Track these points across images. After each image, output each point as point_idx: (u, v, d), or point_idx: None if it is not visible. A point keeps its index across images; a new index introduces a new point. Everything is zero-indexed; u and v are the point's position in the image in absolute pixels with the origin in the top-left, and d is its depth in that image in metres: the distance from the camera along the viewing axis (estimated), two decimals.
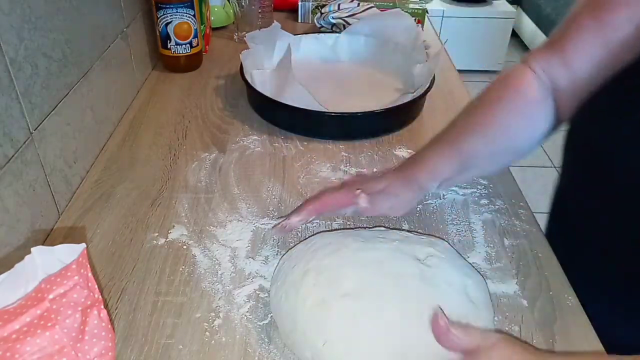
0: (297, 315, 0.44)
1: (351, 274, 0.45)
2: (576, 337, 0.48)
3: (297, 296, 0.45)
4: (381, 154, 0.73)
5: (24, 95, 0.52)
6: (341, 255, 0.47)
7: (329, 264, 0.46)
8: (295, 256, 0.49)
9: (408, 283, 0.45)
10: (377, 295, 0.44)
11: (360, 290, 0.44)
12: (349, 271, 0.46)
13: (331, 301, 0.43)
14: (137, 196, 0.63)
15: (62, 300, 0.40)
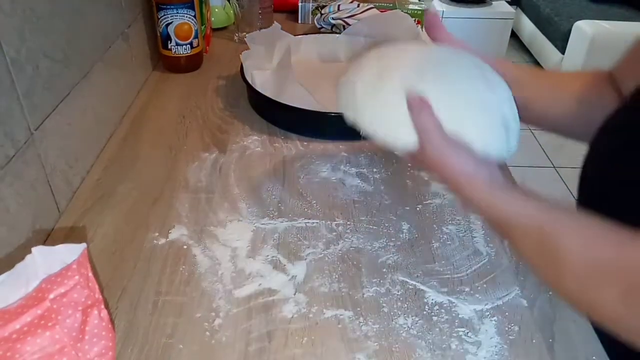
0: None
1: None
2: (576, 337, 0.48)
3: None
4: (381, 154, 0.73)
5: (25, 95, 0.52)
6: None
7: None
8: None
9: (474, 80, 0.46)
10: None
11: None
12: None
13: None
14: (137, 196, 0.63)
15: (62, 300, 0.40)
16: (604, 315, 0.37)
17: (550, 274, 0.40)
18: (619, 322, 0.36)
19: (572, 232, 0.38)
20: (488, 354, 0.46)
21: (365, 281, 0.53)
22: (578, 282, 0.38)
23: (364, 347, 0.46)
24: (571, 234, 0.38)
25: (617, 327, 0.36)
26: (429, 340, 0.47)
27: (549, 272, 0.40)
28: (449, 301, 0.51)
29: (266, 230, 0.59)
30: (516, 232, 0.41)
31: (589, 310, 0.39)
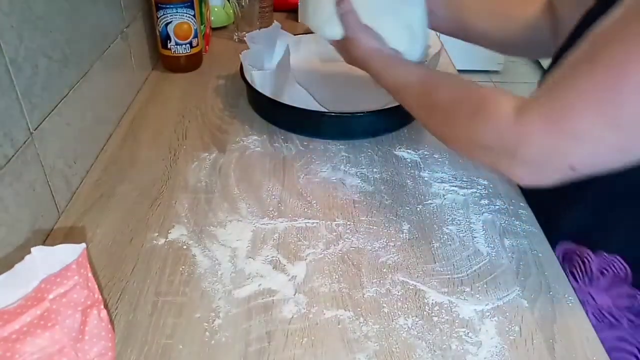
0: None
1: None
2: (576, 337, 0.48)
3: None
4: (381, 154, 0.73)
5: (24, 95, 0.52)
6: None
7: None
8: None
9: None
10: None
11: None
12: None
13: None
14: (137, 196, 0.63)
15: (62, 300, 0.40)
16: (459, 136, 0.52)
17: (426, 114, 0.57)
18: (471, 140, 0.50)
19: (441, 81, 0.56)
20: (488, 355, 0.46)
21: (365, 281, 0.53)
22: (444, 115, 0.53)
23: (364, 348, 0.46)
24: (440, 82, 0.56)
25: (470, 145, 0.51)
26: (429, 341, 0.47)
27: (425, 113, 0.57)
28: (449, 301, 0.51)
29: (266, 230, 0.59)
30: (406, 88, 0.59)
31: (453, 137, 0.53)
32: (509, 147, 0.45)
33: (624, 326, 0.57)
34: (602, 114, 0.40)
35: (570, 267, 0.60)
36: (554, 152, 0.43)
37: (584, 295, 0.58)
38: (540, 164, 0.45)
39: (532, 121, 0.44)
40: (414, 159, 0.72)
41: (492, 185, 0.67)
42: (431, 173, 0.69)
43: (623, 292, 0.57)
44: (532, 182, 0.47)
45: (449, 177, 0.68)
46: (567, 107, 0.42)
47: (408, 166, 0.70)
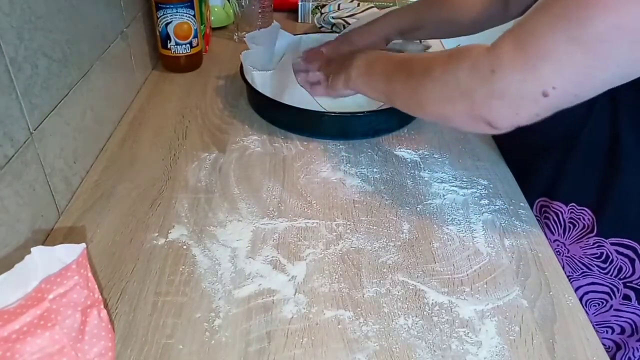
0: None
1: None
2: (576, 337, 0.48)
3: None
4: (381, 154, 0.73)
5: (24, 95, 0.52)
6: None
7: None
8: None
9: None
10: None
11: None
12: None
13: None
14: (137, 196, 0.63)
15: (62, 300, 0.40)
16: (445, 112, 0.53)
17: (395, 79, 0.59)
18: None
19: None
20: (488, 355, 0.46)
21: (366, 281, 0.53)
22: (421, 77, 0.54)
23: (364, 348, 0.46)
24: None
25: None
26: (429, 341, 0.47)
27: (394, 78, 0.59)
28: (449, 301, 0.51)
29: (266, 230, 0.59)
30: (381, 61, 0.63)
31: (431, 98, 0.54)
32: (483, 75, 0.47)
33: (595, 273, 0.63)
34: (566, 30, 0.42)
35: (545, 220, 0.66)
36: (526, 76, 0.45)
37: (559, 246, 0.64)
38: (514, 92, 0.46)
39: (502, 47, 0.46)
40: (414, 159, 0.72)
41: (492, 185, 0.67)
42: (431, 173, 0.69)
43: (591, 241, 0.62)
44: (510, 117, 0.48)
45: (449, 177, 0.68)
46: (533, 29, 0.44)
47: (408, 166, 0.70)
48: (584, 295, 0.66)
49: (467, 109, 0.50)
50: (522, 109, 0.47)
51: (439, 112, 0.54)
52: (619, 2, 0.39)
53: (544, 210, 0.67)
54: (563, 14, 0.42)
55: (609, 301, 0.65)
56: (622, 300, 0.64)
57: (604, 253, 0.62)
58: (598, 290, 0.65)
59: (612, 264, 0.62)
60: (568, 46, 0.42)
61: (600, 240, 0.62)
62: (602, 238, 0.62)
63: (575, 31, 0.41)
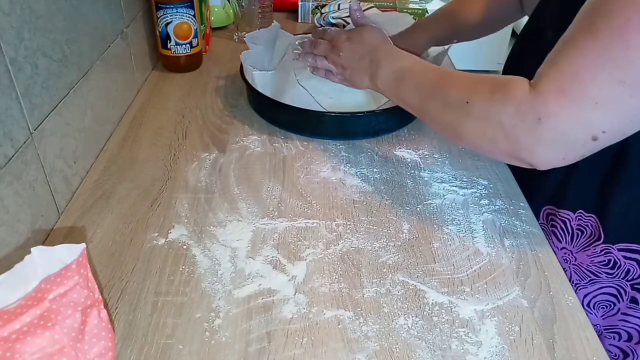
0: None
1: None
2: (576, 337, 0.48)
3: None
4: (381, 154, 0.73)
5: (24, 95, 0.52)
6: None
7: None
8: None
9: None
10: None
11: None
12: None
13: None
14: (137, 196, 0.63)
15: (62, 300, 0.40)
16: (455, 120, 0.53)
17: (430, 102, 0.57)
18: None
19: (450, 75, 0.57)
20: (488, 355, 0.46)
21: (366, 281, 0.53)
22: (459, 103, 0.52)
23: (364, 348, 0.46)
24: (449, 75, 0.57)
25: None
26: (429, 341, 0.47)
27: (437, 105, 0.56)
28: (449, 301, 0.51)
29: (266, 230, 0.59)
30: (414, 74, 0.60)
31: (469, 128, 0.52)
32: (530, 123, 0.46)
33: (603, 279, 0.63)
34: (613, 74, 0.41)
35: (552, 228, 0.65)
36: (575, 122, 0.44)
37: (566, 254, 0.64)
38: (563, 139, 0.45)
39: (548, 94, 0.45)
40: (414, 159, 0.72)
41: (492, 185, 0.67)
42: (431, 173, 0.69)
43: (599, 249, 0.62)
44: (555, 161, 0.48)
45: (449, 177, 0.68)
46: (577, 75, 0.43)
47: (408, 166, 0.70)
48: (592, 299, 0.65)
49: (510, 151, 0.49)
50: (569, 154, 0.47)
51: (479, 147, 0.53)
52: None
53: (551, 218, 0.66)
54: (608, 57, 0.41)
55: (616, 304, 0.64)
56: (630, 304, 0.64)
57: (612, 260, 0.62)
58: (605, 292, 0.64)
59: (619, 268, 0.62)
60: (616, 90, 0.41)
61: (607, 247, 0.62)
62: (609, 245, 0.61)
63: (623, 75, 0.41)
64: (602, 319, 0.66)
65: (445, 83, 0.56)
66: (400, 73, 0.61)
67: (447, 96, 0.54)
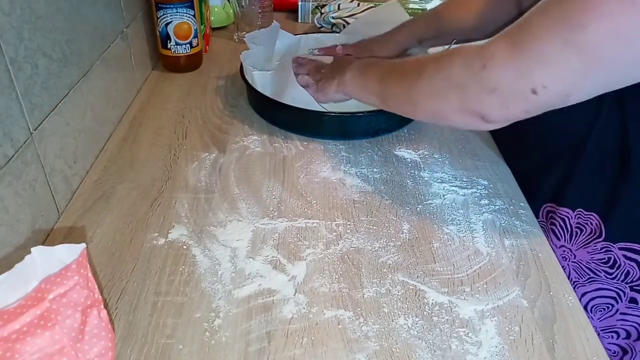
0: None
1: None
2: (576, 337, 0.48)
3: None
4: (381, 154, 0.73)
5: (24, 95, 0.52)
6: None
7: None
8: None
9: None
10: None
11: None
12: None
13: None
14: (137, 196, 0.63)
15: (62, 300, 0.40)
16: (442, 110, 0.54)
17: (388, 78, 0.61)
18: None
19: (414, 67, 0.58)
20: (488, 355, 0.46)
21: (365, 281, 0.53)
22: (418, 72, 0.55)
23: (364, 348, 0.46)
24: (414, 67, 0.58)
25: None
26: (429, 341, 0.47)
27: (388, 77, 0.61)
28: (449, 301, 0.51)
29: (266, 230, 0.59)
30: (377, 62, 0.65)
31: (426, 92, 0.55)
32: (475, 72, 0.48)
33: (602, 278, 0.63)
34: (564, 34, 0.42)
35: (551, 226, 0.65)
36: (517, 73, 0.46)
37: (565, 251, 0.64)
38: (505, 89, 0.47)
39: (496, 44, 0.47)
40: (414, 159, 0.72)
41: (492, 185, 0.67)
42: (431, 173, 0.69)
43: (599, 246, 0.62)
44: (501, 114, 0.49)
45: (449, 177, 0.68)
46: (529, 29, 0.45)
47: (408, 166, 0.70)
48: (590, 302, 0.65)
49: (459, 103, 0.51)
50: (512, 104, 0.48)
51: (432, 109, 0.55)
52: (616, 8, 0.39)
53: (550, 216, 0.66)
54: (562, 18, 0.42)
55: (614, 305, 0.65)
56: (629, 304, 0.64)
57: (612, 258, 0.62)
58: (604, 295, 0.64)
59: (619, 269, 0.62)
60: (564, 49, 0.42)
61: (608, 245, 0.62)
62: (610, 243, 0.62)
63: (573, 35, 0.42)
64: (599, 321, 0.66)
65: (402, 62, 0.60)
66: (363, 66, 0.67)
67: (403, 70, 0.59)
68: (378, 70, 0.64)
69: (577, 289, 0.65)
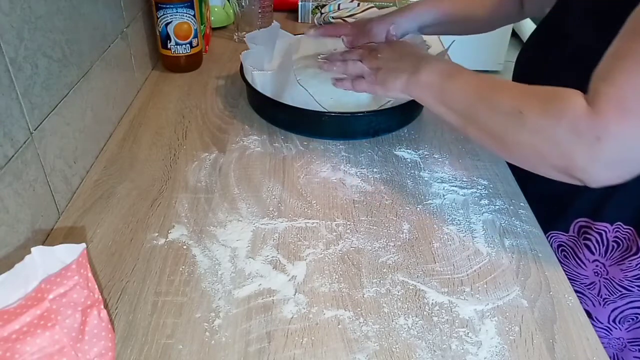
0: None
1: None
2: (576, 337, 0.48)
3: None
4: (381, 154, 0.73)
5: (24, 95, 0.52)
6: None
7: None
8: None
9: None
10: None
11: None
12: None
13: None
14: (137, 196, 0.63)
15: (62, 300, 0.40)
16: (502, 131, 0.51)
17: (478, 106, 0.53)
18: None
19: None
20: (488, 355, 0.46)
21: (366, 281, 0.53)
22: (508, 117, 0.50)
23: (364, 348, 0.46)
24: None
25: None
26: (429, 341, 0.47)
27: (477, 104, 0.53)
28: (449, 301, 0.51)
29: (266, 230, 0.59)
30: (459, 81, 0.56)
31: (519, 142, 0.50)
32: (588, 142, 0.44)
33: (635, 293, 0.61)
34: None
35: (585, 241, 0.63)
36: (636, 143, 0.42)
37: (597, 266, 0.62)
38: (622, 159, 0.44)
39: (608, 113, 0.42)
40: (414, 159, 0.72)
41: (492, 185, 0.67)
42: (431, 173, 0.69)
43: (634, 263, 0.60)
44: (611, 180, 0.46)
45: (449, 177, 0.68)
46: (637, 89, 0.41)
47: (408, 166, 0.70)
48: (618, 315, 0.63)
49: (562, 168, 0.47)
50: (627, 173, 0.45)
51: (525, 160, 0.51)
52: None
53: (584, 230, 0.64)
54: None
55: None
56: None
57: None
58: (635, 306, 0.63)
59: None
60: None
61: None
62: None
63: None
64: (626, 332, 0.64)
65: (495, 88, 0.52)
66: (447, 72, 0.58)
67: (497, 102, 0.51)
68: (466, 86, 0.55)
69: (607, 306, 0.63)
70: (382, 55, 0.66)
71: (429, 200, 0.64)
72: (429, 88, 0.59)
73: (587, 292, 0.65)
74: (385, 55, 0.66)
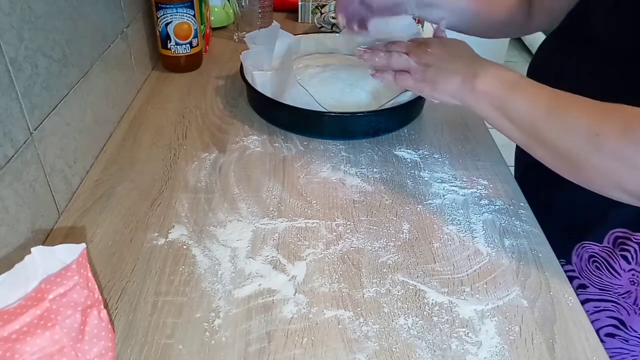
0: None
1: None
2: (576, 337, 0.48)
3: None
4: (381, 154, 0.73)
5: (24, 95, 0.52)
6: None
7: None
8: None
9: None
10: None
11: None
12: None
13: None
14: (137, 196, 0.63)
15: (62, 300, 0.40)
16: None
17: (547, 122, 0.49)
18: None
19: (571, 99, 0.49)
20: (488, 355, 0.46)
21: (365, 281, 0.53)
22: (583, 137, 0.46)
23: (364, 348, 0.46)
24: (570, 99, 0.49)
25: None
26: (429, 341, 0.47)
27: (547, 119, 0.49)
28: (449, 301, 0.51)
29: (266, 230, 0.59)
30: (525, 93, 0.51)
31: (594, 163, 0.46)
32: None
33: None
34: None
35: (621, 252, 0.60)
36: None
37: (634, 275, 0.60)
38: None
39: None
40: (414, 159, 0.72)
41: (492, 185, 0.67)
42: (431, 173, 0.69)
43: None
44: None
45: (449, 177, 0.68)
46: None
47: (408, 166, 0.70)
48: None
49: (634, 197, 0.45)
50: None
51: (598, 185, 0.48)
52: None
53: (621, 241, 0.61)
54: None
55: None
56: None
57: None
58: None
59: None
60: None
61: None
62: None
63: None
64: None
65: (567, 104, 0.48)
66: (510, 81, 0.52)
67: (570, 120, 0.47)
68: (535, 100, 0.50)
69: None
70: (432, 51, 0.60)
71: (429, 200, 0.64)
72: (488, 97, 0.53)
73: (622, 300, 0.63)
74: (436, 51, 0.59)
